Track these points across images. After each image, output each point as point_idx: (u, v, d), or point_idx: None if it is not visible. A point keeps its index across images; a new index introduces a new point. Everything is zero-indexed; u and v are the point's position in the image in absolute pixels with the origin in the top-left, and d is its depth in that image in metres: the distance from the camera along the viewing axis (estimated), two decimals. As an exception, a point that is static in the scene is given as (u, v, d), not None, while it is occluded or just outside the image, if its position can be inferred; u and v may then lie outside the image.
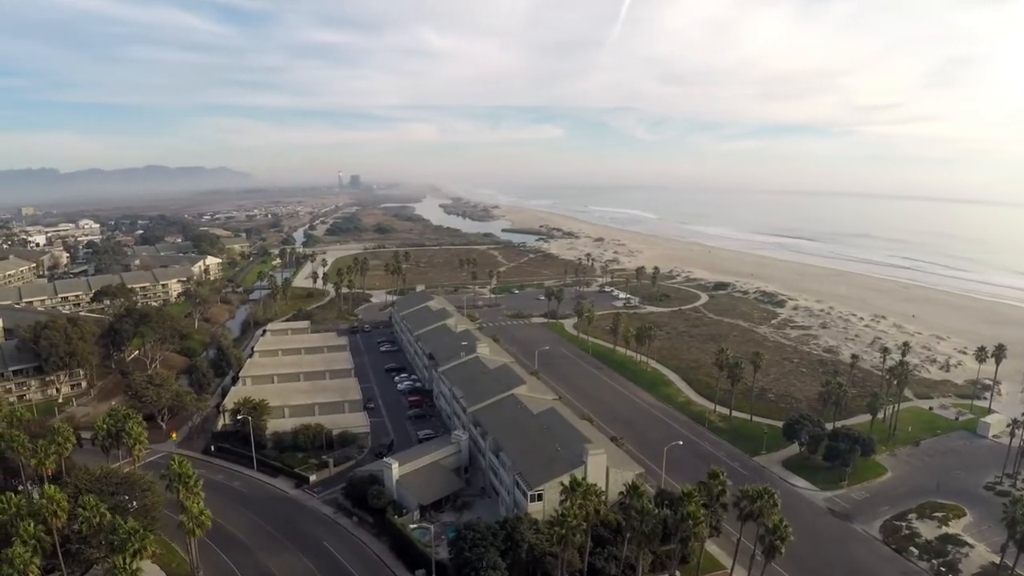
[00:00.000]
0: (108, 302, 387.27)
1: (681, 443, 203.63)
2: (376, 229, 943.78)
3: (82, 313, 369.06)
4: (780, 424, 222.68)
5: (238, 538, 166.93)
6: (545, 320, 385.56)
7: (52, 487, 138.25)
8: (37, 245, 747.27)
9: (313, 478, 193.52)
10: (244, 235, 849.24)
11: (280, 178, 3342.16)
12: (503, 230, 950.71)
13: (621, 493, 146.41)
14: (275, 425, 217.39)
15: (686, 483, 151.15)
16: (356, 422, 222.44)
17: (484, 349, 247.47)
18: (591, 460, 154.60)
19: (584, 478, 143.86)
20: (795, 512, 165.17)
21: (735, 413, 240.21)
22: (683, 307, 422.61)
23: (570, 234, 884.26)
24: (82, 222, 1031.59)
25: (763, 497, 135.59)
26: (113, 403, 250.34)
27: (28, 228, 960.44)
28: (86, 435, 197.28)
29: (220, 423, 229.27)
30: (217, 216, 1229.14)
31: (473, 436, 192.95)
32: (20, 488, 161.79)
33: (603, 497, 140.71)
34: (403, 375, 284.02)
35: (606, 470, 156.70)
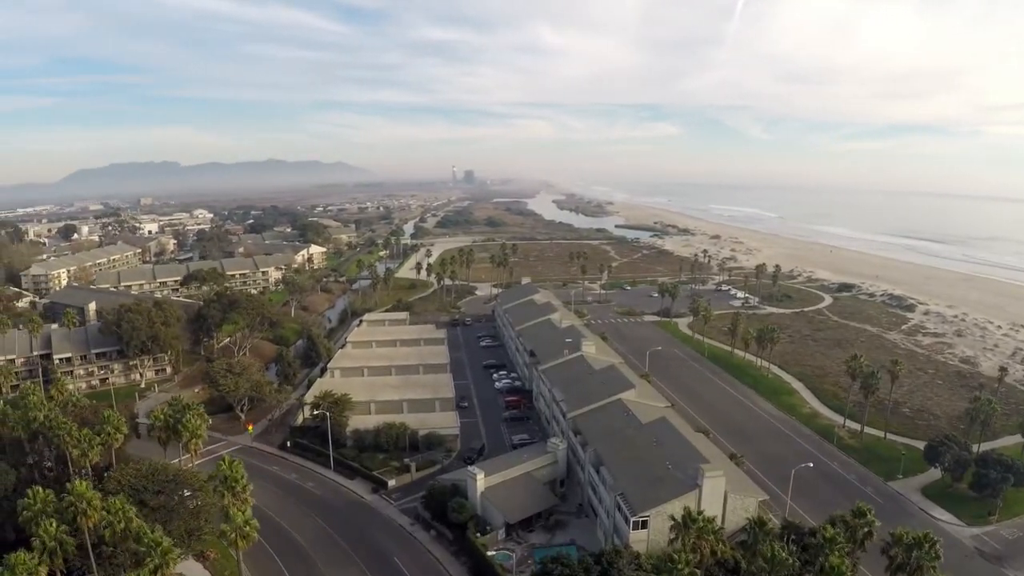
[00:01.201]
0: (198, 287, 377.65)
1: (811, 465, 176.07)
2: (487, 223, 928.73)
3: (173, 298, 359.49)
4: (917, 444, 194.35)
5: (301, 547, 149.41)
6: (658, 318, 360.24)
7: (83, 482, 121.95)
8: (149, 233, 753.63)
9: (392, 483, 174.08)
10: (353, 226, 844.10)
11: (396, 173, 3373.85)
12: (616, 226, 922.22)
13: (745, 528, 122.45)
14: (357, 422, 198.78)
15: (815, 512, 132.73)
16: (445, 422, 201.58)
17: (590, 347, 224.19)
18: (707, 483, 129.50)
19: (699, 506, 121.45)
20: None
21: (867, 429, 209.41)
22: (805, 309, 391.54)
23: (685, 231, 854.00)
24: (196, 211, 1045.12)
25: (922, 547, 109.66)
26: (196, 391, 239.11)
27: (141, 216, 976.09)
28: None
29: (300, 417, 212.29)
30: (330, 208, 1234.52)
31: (572, 445, 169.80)
32: (68, 481, 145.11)
33: (721, 533, 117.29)
34: (502, 372, 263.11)
35: (724, 495, 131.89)
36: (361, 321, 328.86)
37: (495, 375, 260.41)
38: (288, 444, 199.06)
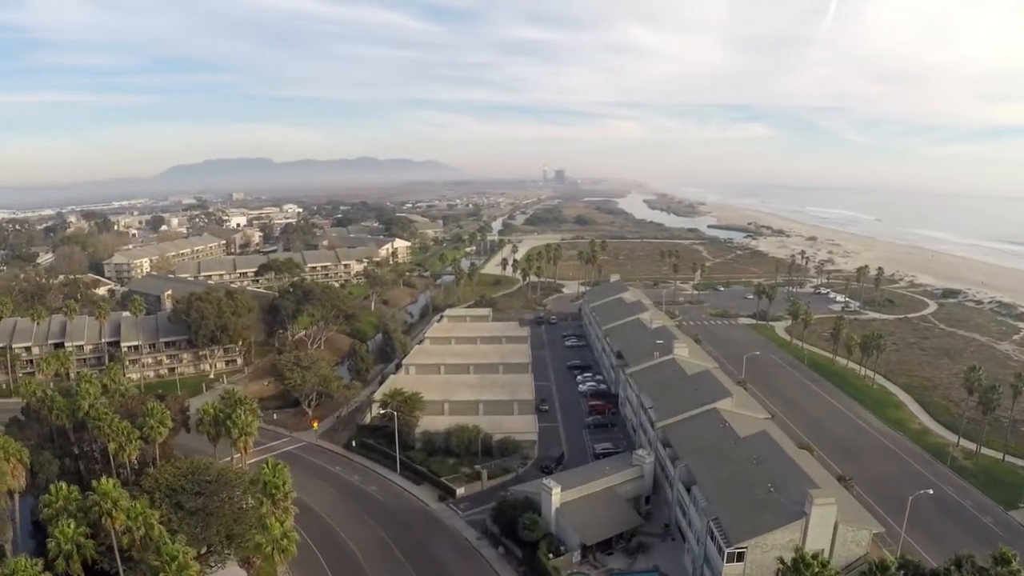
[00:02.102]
0: (273, 277, 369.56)
1: (931, 492, 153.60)
2: (576, 221, 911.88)
3: (250, 288, 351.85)
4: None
5: (354, 557, 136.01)
6: (753, 321, 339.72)
7: (108, 480, 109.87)
8: (237, 225, 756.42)
9: (461, 491, 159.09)
10: (440, 222, 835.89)
11: (486, 172, 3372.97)
12: (709, 226, 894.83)
13: (859, 568, 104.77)
14: (427, 423, 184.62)
15: (931, 547, 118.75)
16: (523, 427, 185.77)
17: (683, 350, 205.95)
18: (816, 512, 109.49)
19: (805, 537, 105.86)
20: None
21: (983, 450, 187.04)
22: (909, 315, 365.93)
23: (780, 232, 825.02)
24: (286, 206, 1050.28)
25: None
26: (265, 384, 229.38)
27: (231, 209, 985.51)
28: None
29: (368, 415, 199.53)
30: (419, 204, 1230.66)
31: (660, 458, 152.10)
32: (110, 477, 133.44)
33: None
34: (587, 374, 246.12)
35: (834, 526, 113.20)
36: (442, 316, 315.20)
37: (579, 377, 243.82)
38: (353, 444, 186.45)
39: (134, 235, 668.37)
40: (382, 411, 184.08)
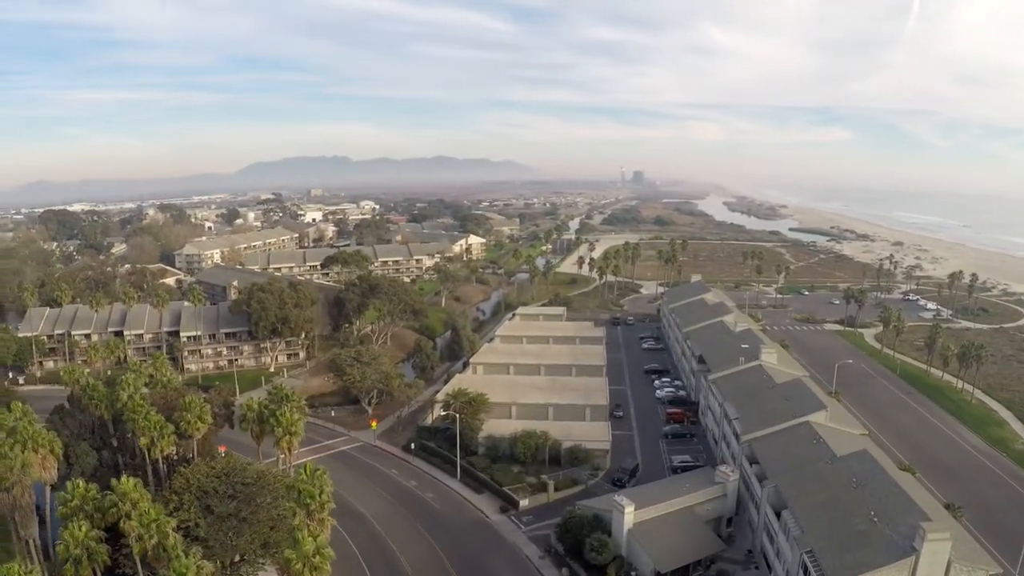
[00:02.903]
0: (339, 269, 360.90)
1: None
2: (655, 221, 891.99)
3: (318, 280, 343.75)
4: None
5: (403, 572, 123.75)
6: (840, 327, 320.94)
7: (129, 480, 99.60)
8: (313, 221, 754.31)
9: (525, 503, 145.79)
10: (517, 220, 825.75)
11: (563, 172, 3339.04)
12: (790, 229, 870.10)
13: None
14: (492, 426, 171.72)
15: None
16: (595, 434, 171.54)
17: (770, 356, 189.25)
18: (928, 548, 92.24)
19: None
20: None
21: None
22: (1005, 325, 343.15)
23: (864, 236, 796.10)
24: (362, 203, 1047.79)
25: None
26: (325, 379, 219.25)
27: (306, 205, 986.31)
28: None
29: (430, 416, 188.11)
30: (496, 202, 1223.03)
31: (746, 476, 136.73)
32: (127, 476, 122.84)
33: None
34: (665, 379, 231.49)
35: (947, 565, 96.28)
36: (514, 315, 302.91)
37: (657, 382, 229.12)
38: (412, 446, 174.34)
39: (210, 228, 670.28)
40: (444, 412, 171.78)
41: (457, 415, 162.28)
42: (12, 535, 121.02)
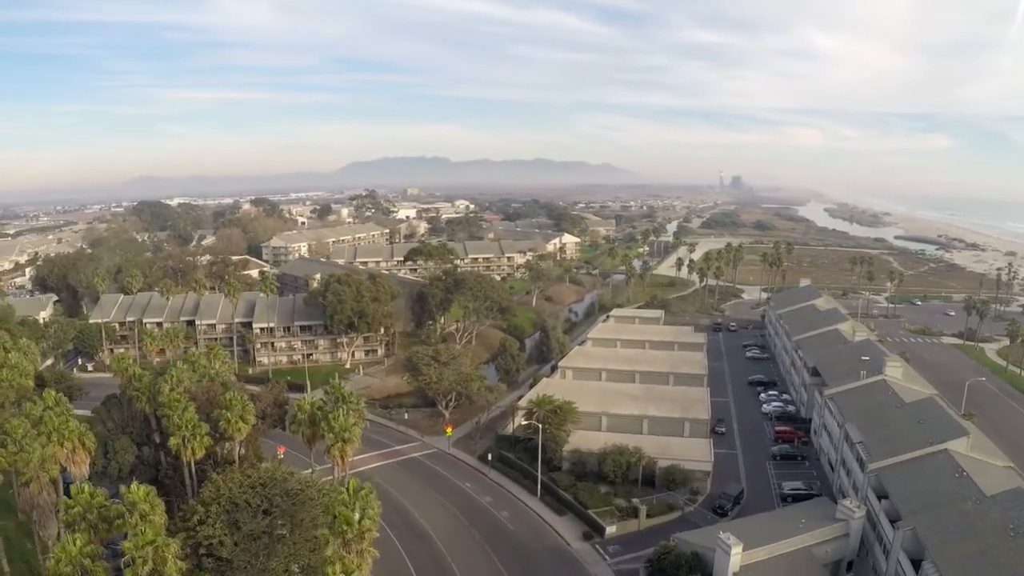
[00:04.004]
0: (423, 262, 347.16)
1: None
2: (754, 226, 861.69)
3: (404, 275, 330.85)
4: None
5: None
6: (958, 341, 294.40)
7: (141, 487, 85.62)
8: (407, 218, 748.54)
9: (612, 529, 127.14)
10: (613, 221, 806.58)
11: (660, 176, 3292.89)
12: (896, 237, 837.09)
13: None
14: (580, 439, 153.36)
15: None
16: (695, 452, 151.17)
17: (895, 370, 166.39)
18: None
19: None
20: None
21: None
22: None
23: (974, 246, 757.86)
24: (457, 202, 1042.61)
25: None
26: (403, 378, 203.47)
27: (401, 202, 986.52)
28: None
29: (511, 424, 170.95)
30: (592, 204, 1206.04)
31: (872, 514, 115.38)
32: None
33: None
34: (772, 392, 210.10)
35: None
36: (608, 316, 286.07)
37: (763, 395, 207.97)
38: (489, 457, 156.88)
39: (303, 223, 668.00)
40: (526, 422, 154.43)
41: (540, 425, 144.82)
42: (34, 535, 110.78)
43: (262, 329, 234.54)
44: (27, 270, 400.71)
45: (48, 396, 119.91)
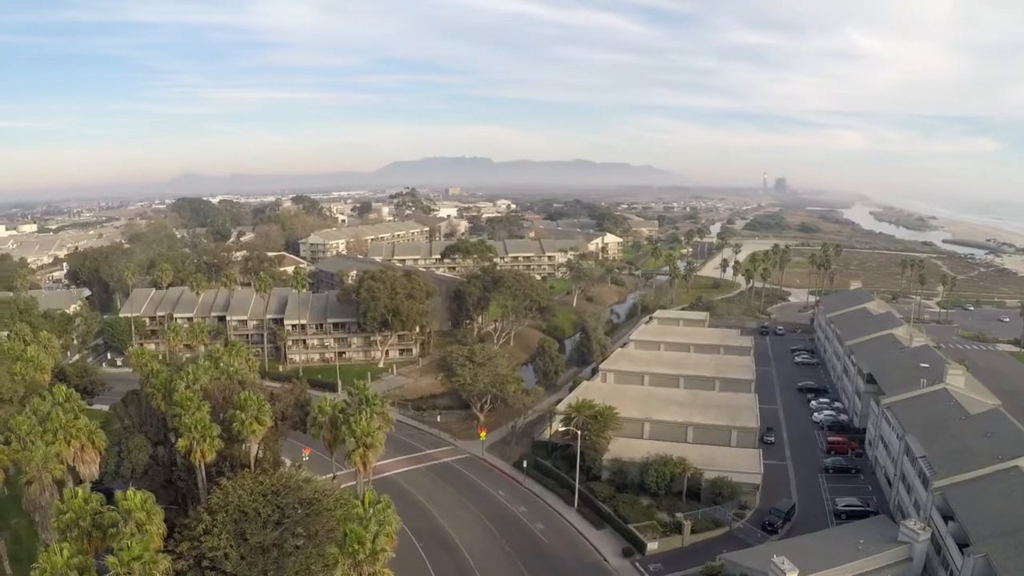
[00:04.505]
0: (460, 259, 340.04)
1: None
2: (799, 228, 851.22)
3: (442, 272, 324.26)
4: None
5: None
6: (1015, 348, 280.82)
7: (138, 494, 79.46)
8: (447, 216, 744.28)
9: (653, 546, 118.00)
10: (656, 222, 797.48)
11: (703, 178, 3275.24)
12: (944, 241, 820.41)
13: None
14: (620, 447, 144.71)
15: None
16: (743, 464, 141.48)
17: (956, 379, 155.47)
18: None
19: None
20: None
21: None
22: None
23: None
24: (499, 201, 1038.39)
25: None
26: (436, 379, 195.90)
27: (442, 201, 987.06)
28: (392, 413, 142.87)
29: (548, 430, 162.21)
30: (634, 205, 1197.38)
31: (938, 536, 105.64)
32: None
33: None
34: (823, 400, 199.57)
35: None
36: (651, 318, 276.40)
37: (813, 403, 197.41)
38: (525, 464, 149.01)
39: (343, 221, 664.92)
40: (563, 428, 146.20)
41: (579, 431, 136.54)
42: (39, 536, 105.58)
43: (294, 326, 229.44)
44: (65, 264, 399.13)
45: (59, 391, 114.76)
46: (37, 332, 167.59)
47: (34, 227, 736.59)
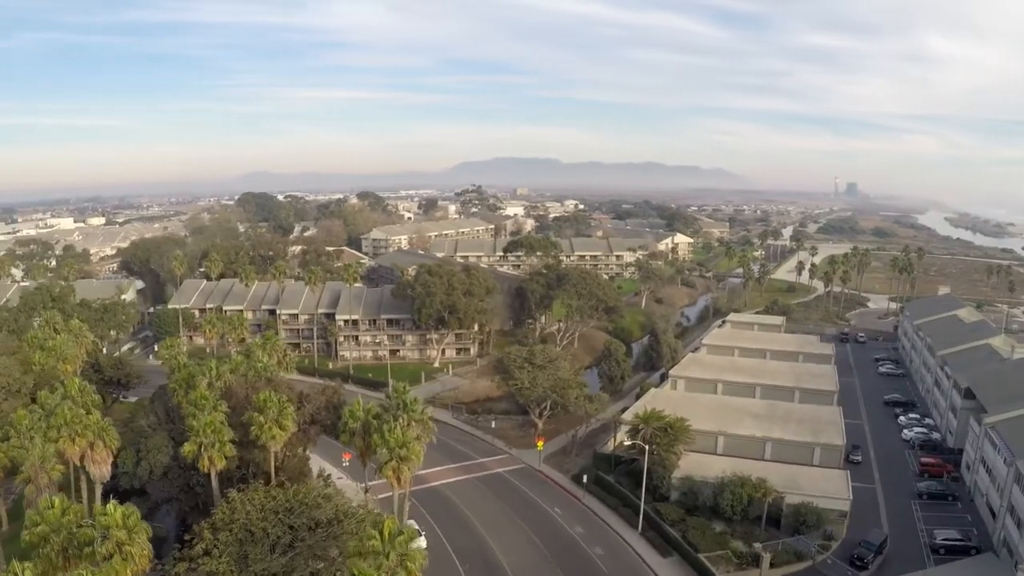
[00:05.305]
0: (523, 256, 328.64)
1: None
2: (874, 232, 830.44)
3: (501, 269, 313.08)
4: None
5: None
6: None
7: (119, 508, 70.18)
8: (514, 215, 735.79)
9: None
10: (727, 223, 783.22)
11: (774, 182, 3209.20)
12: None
13: None
14: (692, 463, 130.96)
15: None
16: (829, 487, 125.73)
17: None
18: None
19: None
20: None
21: None
22: None
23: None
24: (567, 202, 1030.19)
25: None
26: (493, 381, 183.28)
27: (509, 200, 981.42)
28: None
29: (612, 441, 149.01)
30: (704, 207, 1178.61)
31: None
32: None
33: None
34: (912, 415, 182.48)
35: None
36: (724, 321, 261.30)
37: (901, 418, 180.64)
38: (585, 478, 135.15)
39: (408, 218, 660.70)
40: (630, 443, 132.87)
41: (647, 445, 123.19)
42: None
43: (345, 321, 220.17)
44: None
45: (71, 384, 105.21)
46: (68, 321, 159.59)
47: (102, 220, 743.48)
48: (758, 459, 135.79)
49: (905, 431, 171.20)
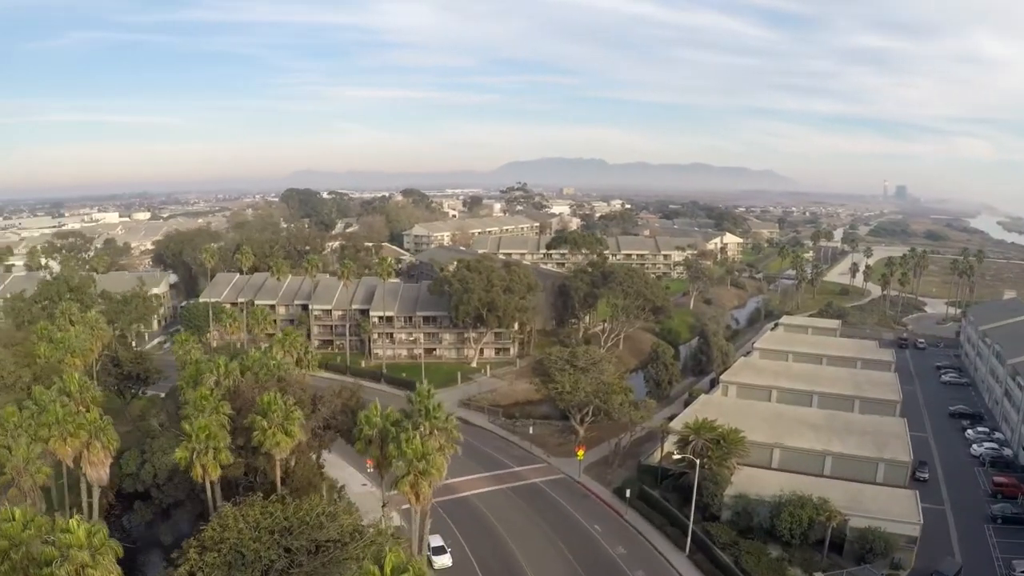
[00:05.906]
0: (567, 252, 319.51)
1: None
2: (926, 235, 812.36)
3: (544, 266, 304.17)
4: None
5: None
6: None
7: (83, 525, 61.23)
8: (559, 213, 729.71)
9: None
10: (776, 224, 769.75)
11: (823, 184, 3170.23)
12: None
13: None
14: (745, 479, 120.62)
15: None
16: (897, 509, 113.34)
17: None
18: None
19: None
20: None
21: None
22: None
23: None
24: (613, 201, 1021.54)
25: None
26: (531, 383, 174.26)
27: (556, 199, 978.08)
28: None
29: (659, 452, 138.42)
30: (752, 208, 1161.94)
31: None
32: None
33: None
34: (980, 429, 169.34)
35: None
36: (777, 324, 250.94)
37: (969, 432, 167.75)
38: (628, 492, 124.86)
39: (453, 215, 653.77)
40: (677, 455, 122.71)
41: (697, 459, 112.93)
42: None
43: (380, 318, 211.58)
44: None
45: (70, 379, 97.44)
46: (84, 312, 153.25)
47: (147, 215, 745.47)
48: (817, 475, 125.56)
49: (974, 446, 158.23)
